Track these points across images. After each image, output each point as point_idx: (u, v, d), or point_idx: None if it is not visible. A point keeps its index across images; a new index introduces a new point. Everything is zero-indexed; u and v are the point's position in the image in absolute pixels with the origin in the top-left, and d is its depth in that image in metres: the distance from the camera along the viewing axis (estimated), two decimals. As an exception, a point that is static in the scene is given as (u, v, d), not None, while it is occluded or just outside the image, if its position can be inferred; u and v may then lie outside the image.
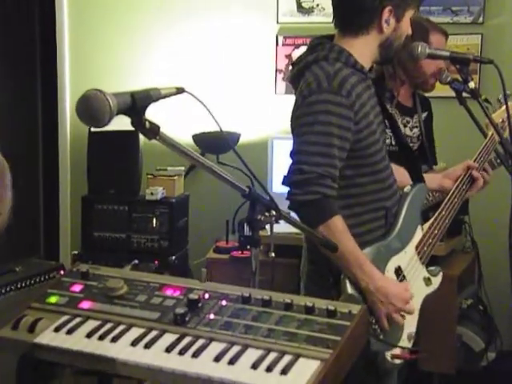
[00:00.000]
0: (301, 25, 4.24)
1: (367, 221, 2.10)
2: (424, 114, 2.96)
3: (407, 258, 2.17)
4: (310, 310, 1.41)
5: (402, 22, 2.08)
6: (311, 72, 2.05)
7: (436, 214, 2.34)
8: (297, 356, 1.31)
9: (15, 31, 4.62)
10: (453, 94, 2.46)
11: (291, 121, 2.13)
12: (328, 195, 1.97)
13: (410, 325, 2.10)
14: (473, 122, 2.41)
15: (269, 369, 1.28)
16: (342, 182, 2.02)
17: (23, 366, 1.38)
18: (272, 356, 1.31)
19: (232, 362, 1.31)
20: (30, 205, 4.78)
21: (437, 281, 2.28)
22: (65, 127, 4.61)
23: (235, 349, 1.34)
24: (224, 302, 1.47)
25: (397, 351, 2.06)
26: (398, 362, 2.07)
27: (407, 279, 2.14)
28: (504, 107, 2.52)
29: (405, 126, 2.87)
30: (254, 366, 1.29)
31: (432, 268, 2.28)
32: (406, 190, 2.27)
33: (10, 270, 3.28)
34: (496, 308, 3.84)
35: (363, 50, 2.09)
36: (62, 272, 3.43)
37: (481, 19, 3.92)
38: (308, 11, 4.23)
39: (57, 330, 1.43)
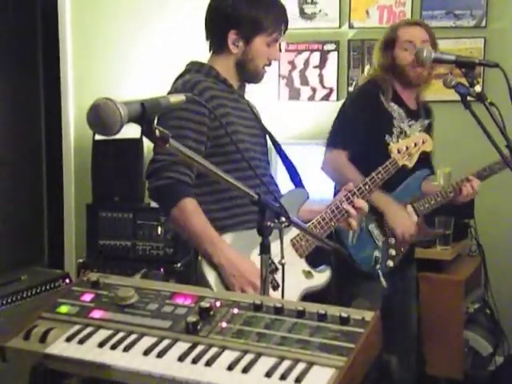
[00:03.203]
0: (303, 31, 4.24)
1: (229, 207, 2.18)
2: (426, 121, 2.97)
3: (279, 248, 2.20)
4: (322, 318, 1.40)
5: (252, 45, 2.24)
6: (175, 84, 2.28)
7: (318, 217, 2.33)
8: (311, 364, 1.29)
9: (17, 39, 4.63)
10: (457, 97, 2.46)
11: None
12: (181, 180, 2.08)
13: None
14: (478, 126, 2.40)
15: (283, 377, 1.27)
16: (206, 179, 2.14)
17: (36, 376, 1.37)
18: (286, 364, 1.30)
19: (245, 370, 1.30)
20: (35, 213, 4.78)
21: (320, 276, 2.30)
22: (69, 135, 4.62)
23: (248, 357, 1.33)
24: (236, 310, 1.45)
25: None
26: None
27: (278, 267, 2.15)
28: (411, 137, 2.63)
29: (410, 127, 2.88)
30: (268, 375, 1.28)
31: (320, 267, 2.32)
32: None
33: (15, 279, 3.27)
34: (503, 312, 3.83)
35: (224, 67, 2.28)
36: (67, 281, 3.43)
37: (483, 23, 3.93)
38: (310, 17, 4.23)
39: (68, 339, 1.42)
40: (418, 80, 2.87)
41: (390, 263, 2.83)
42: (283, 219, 1.64)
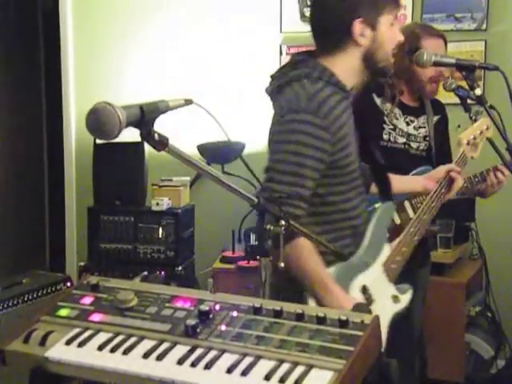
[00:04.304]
0: (304, 34, 4.22)
1: (333, 239, 2.05)
2: (436, 118, 2.95)
3: (373, 275, 2.13)
4: (321, 321, 1.40)
5: (378, 30, 2.03)
6: (292, 89, 2.01)
7: (405, 231, 2.32)
8: (310, 367, 1.30)
9: (18, 42, 4.64)
10: (457, 100, 2.47)
11: (268, 136, 2.10)
12: (296, 215, 1.92)
13: None
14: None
15: (282, 380, 1.27)
16: (314, 199, 2.00)
17: (35, 379, 1.37)
18: (285, 367, 1.30)
19: (244, 373, 1.30)
20: (36, 216, 4.79)
21: (405, 298, 2.22)
22: (70, 139, 4.62)
23: (247, 360, 1.33)
24: (235, 313, 1.46)
25: None
26: None
27: (373, 298, 2.09)
28: (476, 124, 2.53)
29: (408, 124, 2.86)
30: (267, 378, 1.28)
31: (400, 286, 2.24)
32: (376, 206, 2.26)
33: (17, 283, 3.27)
34: (504, 315, 3.83)
35: (345, 67, 2.06)
36: (68, 284, 3.43)
37: (484, 26, 3.93)
38: (311, 20, 4.23)
39: (68, 343, 1.43)
40: (431, 95, 2.85)
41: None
42: (283, 223, 1.64)
